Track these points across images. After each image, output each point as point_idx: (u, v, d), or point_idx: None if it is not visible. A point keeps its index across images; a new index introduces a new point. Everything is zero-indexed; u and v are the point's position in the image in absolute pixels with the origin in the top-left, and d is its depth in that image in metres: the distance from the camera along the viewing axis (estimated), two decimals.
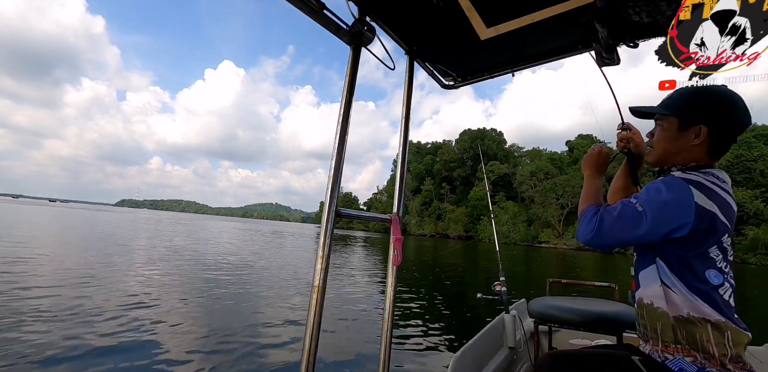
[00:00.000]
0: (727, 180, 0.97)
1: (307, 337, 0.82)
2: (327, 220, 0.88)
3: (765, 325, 7.03)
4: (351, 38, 1.02)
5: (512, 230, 63.13)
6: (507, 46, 1.36)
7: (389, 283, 1.13)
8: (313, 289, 0.84)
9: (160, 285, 6.89)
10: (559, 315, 2.02)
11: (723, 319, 0.89)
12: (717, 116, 0.97)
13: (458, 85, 1.69)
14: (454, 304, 7.45)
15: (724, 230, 0.90)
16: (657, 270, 0.96)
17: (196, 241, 17.84)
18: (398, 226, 1.10)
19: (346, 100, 0.98)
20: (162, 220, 47.61)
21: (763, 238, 39.88)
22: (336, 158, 0.93)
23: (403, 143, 1.27)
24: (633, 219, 0.91)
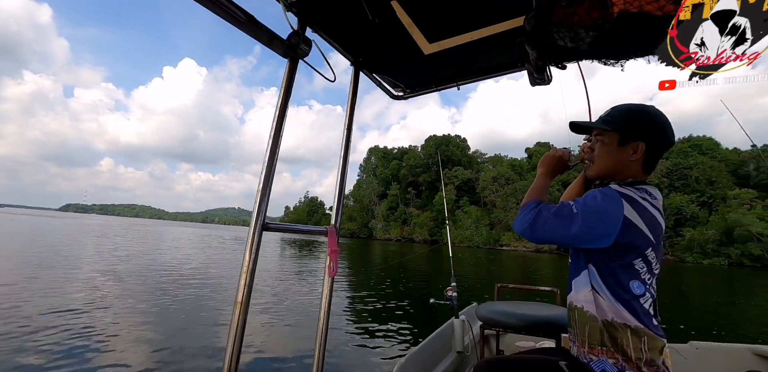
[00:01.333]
0: (658, 197, 1.02)
1: (228, 354, 0.79)
2: (253, 234, 0.85)
3: (692, 325, 7.64)
4: (286, 50, 1.00)
5: (475, 234, 64.75)
6: (451, 61, 1.40)
7: (324, 295, 1.11)
8: (235, 306, 0.81)
9: (104, 303, 6.42)
10: (504, 320, 2.08)
11: (641, 326, 0.95)
12: (654, 133, 1.04)
13: (407, 96, 1.72)
14: (410, 309, 7.49)
15: (648, 244, 0.95)
16: (588, 276, 1.02)
17: (147, 250, 16.83)
18: (335, 237, 1.09)
19: (279, 112, 0.96)
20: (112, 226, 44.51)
21: (698, 239, 43.51)
22: (266, 171, 0.91)
23: (344, 154, 1.27)
24: (566, 219, 0.96)
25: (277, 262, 15.41)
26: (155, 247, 18.68)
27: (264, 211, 0.88)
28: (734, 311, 10.20)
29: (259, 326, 5.37)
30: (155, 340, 4.43)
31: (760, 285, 19.16)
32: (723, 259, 40.72)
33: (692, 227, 46.34)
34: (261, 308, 6.51)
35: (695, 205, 48.45)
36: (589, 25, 0.90)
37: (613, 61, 1.19)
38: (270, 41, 0.95)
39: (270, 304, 6.92)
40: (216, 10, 0.79)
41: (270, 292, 8.24)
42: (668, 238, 47.96)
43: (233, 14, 0.81)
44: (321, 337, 1.11)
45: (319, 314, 1.13)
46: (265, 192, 0.89)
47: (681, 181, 51.91)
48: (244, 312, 0.82)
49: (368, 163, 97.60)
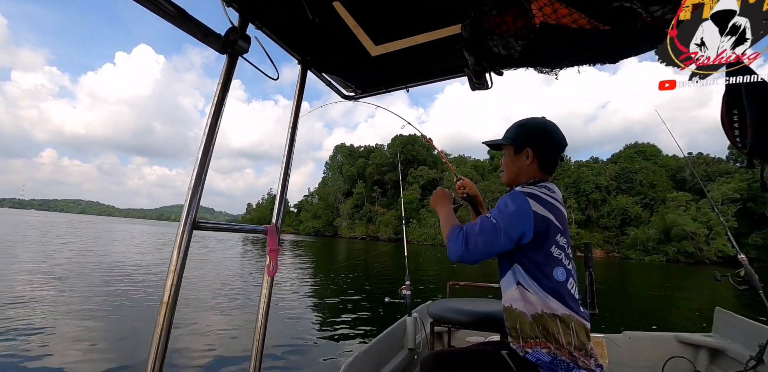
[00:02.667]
0: (556, 191, 1.17)
1: (152, 357, 0.77)
2: (182, 232, 0.83)
3: (629, 316, 8.28)
4: (222, 47, 0.98)
5: (439, 232, 65.93)
6: (398, 63, 1.43)
7: (263, 295, 1.10)
8: (161, 306, 0.79)
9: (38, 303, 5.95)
10: (453, 316, 2.15)
11: (568, 313, 1.04)
12: (536, 140, 1.22)
13: (358, 97, 1.73)
14: (367, 308, 7.54)
15: (557, 231, 1.08)
16: (514, 274, 1.11)
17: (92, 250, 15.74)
18: (275, 237, 1.08)
19: (215, 109, 0.94)
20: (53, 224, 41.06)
21: (640, 237, 47.06)
22: (198, 168, 0.89)
23: (288, 152, 1.26)
24: (491, 231, 1.05)
25: (236, 262, 14.94)
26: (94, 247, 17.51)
27: (195, 208, 0.86)
28: (666, 303, 11.15)
29: (199, 327, 5.19)
30: (87, 341, 4.16)
31: (690, 279, 21.04)
32: (662, 256, 44.36)
33: (636, 226, 50.07)
34: (203, 306, 6.31)
35: (639, 207, 52.36)
36: (516, 33, 0.96)
37: (547, 69, 1.27)
38: (204, 36, 0.92)
39: (213, 304, 6.71)
40: (143, 2, 0.76)
41: (216, 291, 7.98)
42: (614, 236, 51.50)
43: (162, 7, 0.78)
44: (258, 338, 1.10)
45: (257, 315, 1.12)
46: (196, 190, 0.87)
47: (627, 184, 55.86)
48: (171, 313, 0.80)
49: (334, 161, 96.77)
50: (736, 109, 1.17)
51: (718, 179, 49.20)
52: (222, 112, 0.95)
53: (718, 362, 2.35)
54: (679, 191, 50.78)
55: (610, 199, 53.92)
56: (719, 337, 2.44)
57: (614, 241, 51.26)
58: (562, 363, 1.02)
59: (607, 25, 0.88)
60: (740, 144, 1.19)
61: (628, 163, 57.51)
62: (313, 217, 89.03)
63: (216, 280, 9.49)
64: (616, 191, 55.55)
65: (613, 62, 1.19)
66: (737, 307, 8.78)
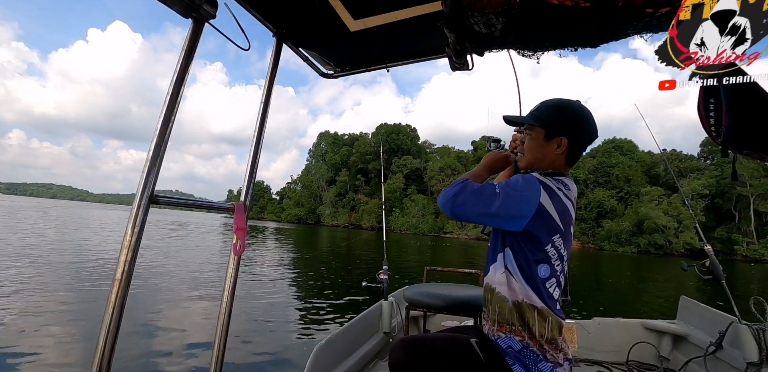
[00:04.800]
0: (573, 188, 1.10)
1: (102, 338, 0.73)
2: (138, 206, 0.78)
3: (602, 303, 8.63)
4: (186, 10, 0.91)
5: (421, 221, 66.78)
6: (378, 41, 1.38)
7: (229, 275, 1.07)
8: (114, 283, 0.75)
9: None
10: (428, 301, 2.17)
11: (546, 307, 1.02)
12: (575, 129, 1.12)
13: (337, 75, 1.67)
14: (345, 292, 7.59)
15: (557, 231, 1.03)
16: (504, 258, 1.07)
17: (69, 236, 15.23)
18: (242, 215, 1.04)
19: (177, 76, 0.88)
20: (20, 208, 39.47)
21: (614, 229, 48.81)
22: (158, 139, 0.84)
23: (259, 128, 1.21)
24: (488, 197, 1.00)
25: (203, 248, 14.73)
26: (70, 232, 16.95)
27: (152, 182, 0.81)
28: (635, 292, 11.66)
29: (162, 308, 5.12)
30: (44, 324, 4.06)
31: (658, 270, 22.03)
32: (633, 248, 46.18)
33: (611, 219, 51.83)
34: (169, 289, 6.22)
35: (614, 200, 54.12)
36: (497, 9, 0.93)
37: (528, 52, 1.25)
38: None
39: (179, 287, 6.63)
40: None
41: (185, 274, 7.88)
42: (590, 228, 53.20)
43: None
44: (223, 320, 1.07)
45: (222, 295, 1.08)
46: (155, 162, 0.82)
47: (604, 178, 57.54)
48: (124, 291, 0.76)
49: (318, 149, 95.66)
50: (712, 98, 1.18)
51: (690, 175, 51.22)
52: (185, 80, 0.89)
53: (680, 348, 2.46)
54: (653, 186, 52.65)
55: (587, 193, 55.48)
56: (683, 324, 2.55)
57: (590, 232, 52.99)
58: (531, 353, 1.02)
59: (587, 2, 0.85)
60: (714, 133, 1.20)
61: (606, 158, 59.09)
62: (295, 205, 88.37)
63: (189, 265, 9.34)
64: (593, 185, 57.17)
65: (594, 46, 1.18)
66: (700, 296, 9.26)
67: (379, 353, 2.33)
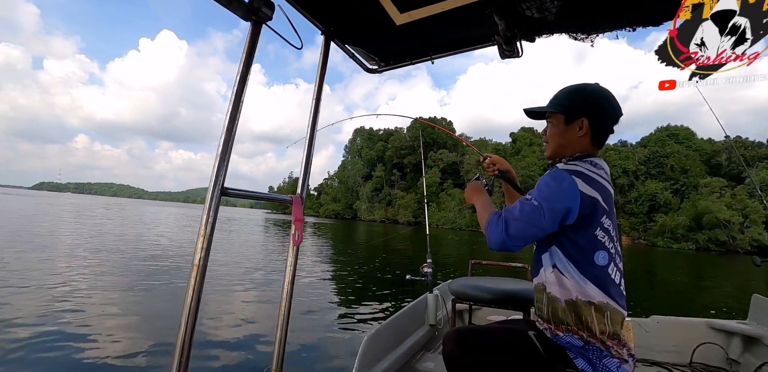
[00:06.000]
0: (605, 168, 1.08)
1: (184, 318, 0.80)
2: (211, 198, 0.85)
3: (657, 301, 8.11)
4: (246, 13, 0.96)
5: (458, 216, 65.88)
6: (423, 33, 1.38)
7: (289, 264, 1.13)
8: (192, 268, 0.82)
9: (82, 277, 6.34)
10: (475, 294, 2.16)
11: (605, 301, 0.98)
12: (594, 109, 1.10)
13: (381, 70, 1.69)
14: (388, 285, 7.68)
15: (603, 212, 1.00)
16: (551, 256, 1.05)
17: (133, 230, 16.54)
18: (300, 206, 1.10)
19: (240, 77, 0.94)
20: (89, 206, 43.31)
21: (669, 224, 45.43)
22: (225, 135, 0.90)
23: (312, 124, 1.26)
24: (534, 214, 0.98)
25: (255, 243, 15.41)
26: (136, 226, 18.37)
27: (223, 175, 0.88)
28: (696, 290, 10.84)
29: (226, 299, 5.44)
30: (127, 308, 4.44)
31: (722, 268, 20.32)
32: (691, 244, 42.82)
33: (665, 213, 48.25)
34: (232, 280, 6.58)
35: (669, 193, 50.27)
36: None
37: (583, 35, 1.20)
38: (229, 2, 0.91)
39: (242, 278, 6.99)
40: None
41: (244, 266, 8.30)
42: (641, 223, 49.85)
43: None
44: (285, 305, 1.13)
45: (283, 283, 1.15)
46: (224, 157, 0.88)
47: (657, 169, 53.57)
48: (201, 274, 0.83)
49: (353, 144, 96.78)
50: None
51: (757, 165, 46.47)
52: (247, 80, 0.95)
53: (752, 350, 2.27)
54: (713, 177, 48.35)
55: (638, 185, 51.93)
56: (755, 324, 2.35)
57: (641, 227, 49.64)
58: (595, 349, 0.99)
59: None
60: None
61: (659, 147, 54.92)
62: (332, 200, 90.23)
63: (241, 258, 9.84)
64: (644, 176, 53.39)
65: (657, 24, 1.11)
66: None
67: (425, 345, 2.36)
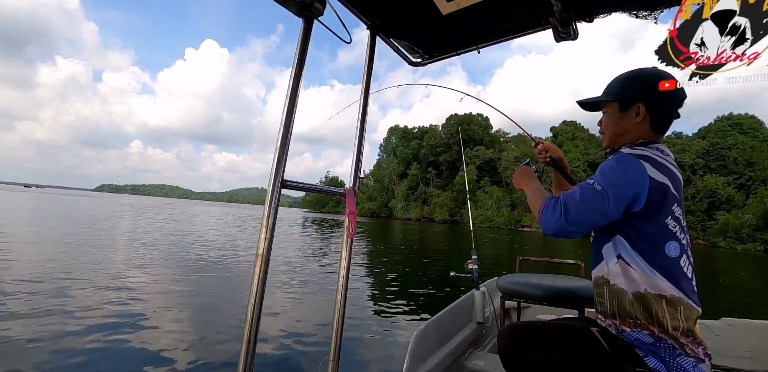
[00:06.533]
0: (670, 154, 1.01)
1: (250, 305, 0.84)
2: (272, 190, 0.88)
3: (723, 303, 7.45)
4: (300, 9, 0.99)
5: (496, 214, 64.26)
6: (470, 21, 1.35)
7: (343, 256, 1.15)
8: (257, 258, 0.85)
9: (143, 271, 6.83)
10: (525, 291, 2.09)
11: (678, 294, 0.91)
12: (651, 94, 1.03)
13: (425, 62, 1.67)
14: (429, 282, 7.64)
15: (673, 200, 0.93)
16: (615, 246, 0.98)
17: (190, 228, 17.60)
18: (353, 199, 1.11)
19: (295, 73, 0.97)
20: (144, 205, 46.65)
21: (732, 223, 41.62)
22: (284, 130, 0.93)
23: (362, 118, 1.27)
24: (596, 199, 0.91)
25: (300, 240, 15.86)
26: (191, 224, 19.51)
27: (282, 169, 0.91)
28: None
29: (282, 295, 5.65)
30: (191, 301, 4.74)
31: None
32: (759, 245, 38.95)
33: (727, 211, 44.26)
34: (285, 278, 6.82)
35: (732, 188, 46.02)
36: None
37: (645, 11, 1.11)
38: (285, 0, 0.94)
39: (292, 274, 7.23)
40: None
41: (293, 263, 8.58)
42: (699, 221, 46.03)
43: None
44: (341, 297, 1.15)
45: (338, 275, 1.17)
46: (283, 150, 0.91)
47: (717, 162, 49.23)
48: (265, 263, 0.86)
49: (388, 143, 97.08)
50: None
51: None
52: (302, 75, 0.98)
53: None
54: None
55: (695, 180, 47.99)
56: None
57: (699, 227, 45.81)
58: (668, 346, 0.91)
59: None
60: None
61: (720, 139, 50.44)
62: (368, 199, 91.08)
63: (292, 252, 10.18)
64: (703, 170, 49.27)
65: None
66: None
67: (473, 343, 2.31)
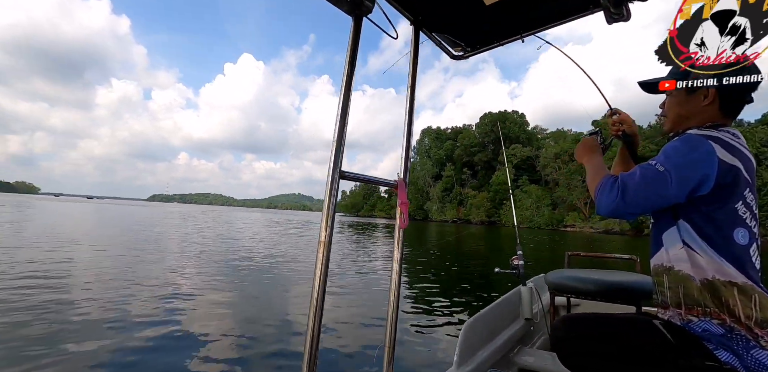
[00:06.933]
0: (742, 137, 0.94)
1: (315, 291, 0.88)
2: (331, 181, 0.92)
3: None
4: (351, 7, 1.03)
5: (536, 214, 62.01)
6: (514, 9, 1.33)
7: (396, 245, 1.18)
8: (319, 245, 0.90)
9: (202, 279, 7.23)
10: (576, 285, 2.01)
11: (749, 282, 0.85)
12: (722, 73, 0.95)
13: (468, 55, 1.66)
14: (471, 280, 7.60)
15: (746, 184, 0.88)
16: (679, 232, 0.93)
17: (235, 233, 18.45)
18: (404, 190, 1.13)
19: (348, 71, 1.01)
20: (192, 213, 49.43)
21: None
22: (339, 123, 0.97)
23: (410, 110, 1.30)
24: (657, 180, 0.87)
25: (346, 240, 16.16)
26: (237, 230, 20.46)
27: (340, 160, 0.95)
28: None
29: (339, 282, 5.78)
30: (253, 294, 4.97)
31: None
32: None
33: None
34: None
35: None
36: None
37: None
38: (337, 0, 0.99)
39: (346, 270, 7.40)
40: None
41: (346, 260, 8.78)
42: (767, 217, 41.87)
43: None
44: (394, 286, 1.18)
45: (391, 265, 1.20)
46: (340, 142, 0.96)
47: None
48: (327, 249, 0.91)
49: (421, 145, 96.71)
50: None
51: None
52: (354, 71, 1.02)
53: None
54: None
55: (761, 171, 43.78)
56: None
57: (767, 222, 41.67)
58: (740, 338, 0.83)
59: None
60: None
61: None
62: None
63: None
64: None
65: None
66: None
67: (521, 339, 2.26)
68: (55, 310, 4.21)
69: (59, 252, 8.29)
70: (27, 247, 8.72)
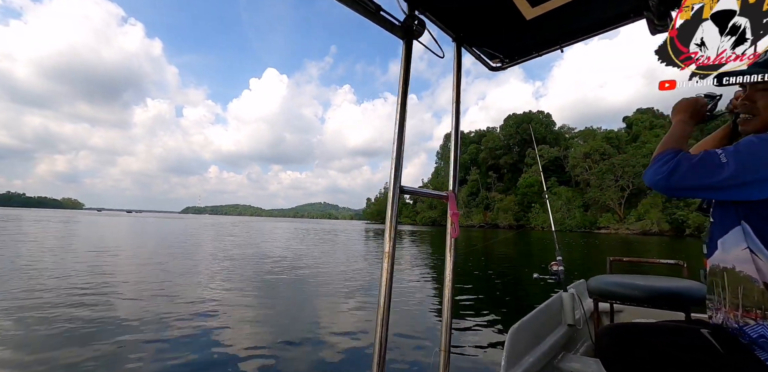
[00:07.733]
0: None
1: (381, 296, 0.95)
2: (393, 195, 0.99)
3: None
4: (404, 33, 1.11)
5: (567, 216, 60.01)
6: (553, 22, 1.37)
7: (448, 253, 1.23)
8: (384, 256, 0.97)
9: (237, 287, 7.48)
10: (621, 291, 1.98)
11: None
12: None
13: (506, 67, 1.71)
14: (509, 286, 7.46)
15: None
16: (743, 234, 0.89)
17: (265, 242, 18.95)
18: (454, 201, 1.19)
19: (402, 90, 1.09)
20: (224, 223, 51.04)
21: None
22: (397, 142, 1.04)
23: (456, 123, 1.36)
24: (712, 170, 0.83)
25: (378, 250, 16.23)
26: (271, 240, 21.00)
27: (400, 177, 1.02)
28: None
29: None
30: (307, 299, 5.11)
31: None
32: None
33: None
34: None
35: None
36: None
37: None
38: (392, 27, 1.08)
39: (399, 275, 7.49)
40: (350, 4, 0.93)
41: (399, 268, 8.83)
42: None
43: (365, 6, 0.95)
44: (448, 293, 1.23)
45: (444, 273, 1.25)
46: (398, 160, 1.03)
47: None
48: (392, 260, 0.98)
49: (445, 150, 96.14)
50: None
51: None
52: (408, 91, 1.09)
53: None
54: None
55: None
56: None
57: None
58: None
59: None
60: None
61: None
62: (428, 208, 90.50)
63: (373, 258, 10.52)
64: None
65: None
66: None
67: (564, 346, 2.23)
68: (103, 317, 4.47)
69: (120, 265, 8.77)
70: (85, 262, 9.28)
